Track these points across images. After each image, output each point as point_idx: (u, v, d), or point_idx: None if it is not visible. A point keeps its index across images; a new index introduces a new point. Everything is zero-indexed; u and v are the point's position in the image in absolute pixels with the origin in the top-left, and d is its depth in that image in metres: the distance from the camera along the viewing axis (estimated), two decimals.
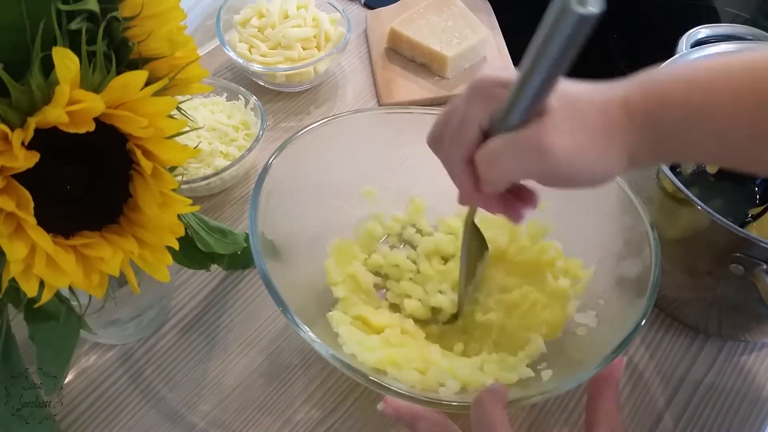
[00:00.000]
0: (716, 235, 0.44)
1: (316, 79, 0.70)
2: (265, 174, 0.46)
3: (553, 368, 0.43)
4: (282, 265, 0.46)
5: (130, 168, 0.32)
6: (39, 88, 0.28)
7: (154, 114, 0.30)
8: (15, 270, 0.29)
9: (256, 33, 0.69)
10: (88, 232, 0.32)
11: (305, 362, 0.51)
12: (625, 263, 0.47)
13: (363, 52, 0.76)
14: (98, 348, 0.51)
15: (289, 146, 0.47)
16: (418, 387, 0.43)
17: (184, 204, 0.34)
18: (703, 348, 0.53)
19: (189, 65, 0.34)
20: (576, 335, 0.47)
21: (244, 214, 0.60)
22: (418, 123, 0.53)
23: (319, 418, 0.48)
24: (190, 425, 0.48)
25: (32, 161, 0.28)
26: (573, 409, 0.49)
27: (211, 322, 0.53)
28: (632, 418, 0.49)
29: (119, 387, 0.49)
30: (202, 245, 0.44)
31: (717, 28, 0.57)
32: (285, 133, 0.67)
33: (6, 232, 0.28)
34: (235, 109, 0.63)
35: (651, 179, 0.48)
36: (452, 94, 0.70)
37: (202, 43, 0.75)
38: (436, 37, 0.71)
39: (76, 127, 0.28)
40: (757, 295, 0.43)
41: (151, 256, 0.34)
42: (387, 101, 0.70)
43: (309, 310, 0.46)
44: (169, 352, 0.51)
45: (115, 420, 0.48)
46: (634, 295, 0.44)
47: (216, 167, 0.58)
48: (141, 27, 0.32)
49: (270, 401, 0.49)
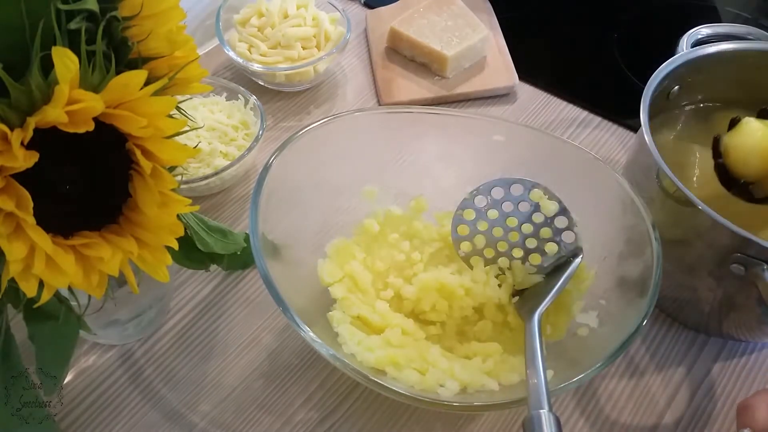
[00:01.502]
0: (717, 236, 0.44)
1: (315, 79, 0.70)
2: (266, 174, 0.46)
3: (555, 369, 0.43)
4: (282, 265, 0.46)
5: (129, 168, 0.32)
6: (38, 88, 0.28)
7: (154, 114, 0.30)
8: (14, 270, 0.29)
9: (255, 32, 0.69)
10: (87, 232, 0.32)
11: (305, 362, 0.51)
12: (627, 263, 0.47)
13: (363, 51, 0.76)
14: (98, 348, 0.51)
15: (289, 146, 0.47)
16: (417, 387, 0.43)
17: (184, 204, 0.34)
18: (704, 348, 0.53)
19: (188, 65, 0.34)
20: (577, 335, 0.47)
21: (243, 214, 0.60)
22: (418, 123, 0.53)
23: (319, 418, 0.48)
24: (190, 425, 0.47)
25: (31, 161, 0.28)
26: (573, 409, 0.49)
27: (211, 322, 0.53)
28: (633, 418, 0.49)
29: (119, 387, 0.49)
30: (202, 245, 0.44)
31: (717, 27, 0.57)
32: (285, 132, 0.67)
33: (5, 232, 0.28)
34: (235, 109, 0.63)
35: (652, 179, 0.48)
36: (452, 94, 0.70)
37: (202, 43, 0.75)
38: (436, 36, 0.71)
39: (76, 126, 0.28)
40: (757, 295, 0.43)
41: (150, 256, 0.34)
42: (387, 101, 0.70)
43: (309, 310, 0.46)
44: (169, 352, 0.51)
45: (115, 420, 0.48)
46: (636, 295, 0.44)
47: (216, 167, 0.58)
48: (140, 26, 0.32)
49: (270, 401, 0.49)
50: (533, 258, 0.51)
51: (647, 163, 0.48)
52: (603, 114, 0.70)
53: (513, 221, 0.51)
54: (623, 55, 0.77)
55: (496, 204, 0.51)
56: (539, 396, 0.38)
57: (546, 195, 0.49)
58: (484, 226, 0.51)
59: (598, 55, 0.78)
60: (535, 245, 0.51)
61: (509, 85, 0.71)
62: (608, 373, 0.51)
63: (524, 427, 0.36)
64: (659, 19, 0.83)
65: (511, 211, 0.51)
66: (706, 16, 0.84)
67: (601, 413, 0.49)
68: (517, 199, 0.50)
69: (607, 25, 0.80)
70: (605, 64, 0.76)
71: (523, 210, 0.50)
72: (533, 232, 0.50)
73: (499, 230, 0.51)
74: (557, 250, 0.50)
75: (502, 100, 0.71)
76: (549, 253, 0.50)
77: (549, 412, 0.36)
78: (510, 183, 0.50)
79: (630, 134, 0.68)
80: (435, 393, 0.43)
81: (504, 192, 0.50)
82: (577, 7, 0.84)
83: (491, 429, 0.48)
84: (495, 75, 0.72)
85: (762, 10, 0.85)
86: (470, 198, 0.51)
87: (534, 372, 0.39)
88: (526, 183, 0.50)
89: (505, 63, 0.73)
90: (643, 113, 0.49)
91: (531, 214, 0.50)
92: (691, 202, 0.44)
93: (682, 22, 0.61)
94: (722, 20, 0.83)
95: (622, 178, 0.47)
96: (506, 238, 0.51)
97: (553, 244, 0.50)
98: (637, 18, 0.82)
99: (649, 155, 0.47)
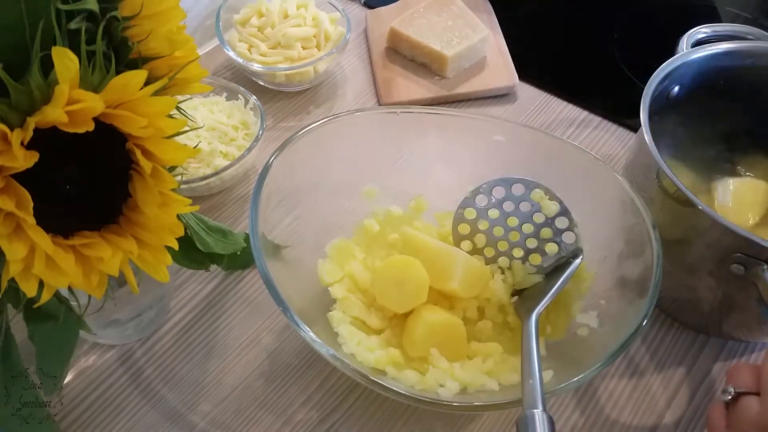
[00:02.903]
0: (717, 236, 0.44)
1: (315, 79, 0.70)
2: (266, 174, 0.46)
3: (554, 369, 0.43)
4: (282, 265, 0.46)
5: (129, 168, 0.32)
6: (38, 88, 0.28)
7: (154, 114, 0.30)
8: (14, 270, 0.29)
9: (255, 32, 0.69)
10: (87, 232, 0.32)
11: (305, 362, 0.51)
12: (627, 263, 0.47)
13: (363, 51, 0.76)
14: (98, 348, 0.51)
15: (290, 146, 0.47)
16: (417, 387, 0.43)
17: (184, 204, 0.34)
18: (704, 348, 0.53)
19: (188, 65, 0.34)
20: (577, 335, 0.47)
21: (243, 214, 0.60)
22: (418, 123, 0.53)
23: (319, 418, 0.48)
24: (190, 425, 0.47)
25: (31, 161, 0.28)
26: (573, 409, 0.49)
27: (211, 322, 0.53)
28: (633, 418, 0.49)
29: (119, 387, 0.49)
30: (202, 245, 0.44)
31: (717, 27, 0.57)
32: (285, 132, 0.67)
33: (5, 232, 0.28)
34: (235, 109, 0.63)
35: (652, 179, 0.48)
36: (452, 94, 0.70)
37: (202, 43, 0.75)
38: (436, 36, 0.71)
39: (76, 126, 0.28)
40: (757, 295, 0.43)
41: (150, 257, 0.34)
42: (387, 101, 0.70)
43: (309, 310, 0.46)
44: (169, 352, 0.51)
45: (115, 420, 0.47)
46: (636, 295, 0.44)
47: (215, 167, 0.58)
48: (140, 26, 0.32)
49: (270, 401, 0.49)
50: (533, 258, 0.51)
51: (647, 163, 0.48)
52: (603, 114, 0.70)
53: (514, 221, 0.51)
54: (623, 55, 0.77)
55: (497, 203, 0.51)
56: (534, 395, 0.38)
57: (547, 195, 0.49)
58: (485, 225, 0.51)
59: (598, 55, 0.78)
60: (535, 245, 0.51)
61: (509, 85, 0.71)
62: (608, 373, 0.51)
63: (517, 426, 0.36)
64: (659, 19, 0.82)
65: (512, 210, 0.51)
66: (706, 16, 0.84)
67: (601, 413, 0.49)
68: (519, 199, 0.50)
69: (607, 25, 0.80)
70: (605, 64, 0.76)
71: (524, 210, 0.50)
72: (534, 232, 0.50)
73: (500, 229, 0.51)
74: (557, 250, 0.50)
75: (502, 100, 0.71)
76: (549, 253, 0.50)
77: (543, 412, 0.36)
78: (511, 182, 0.50)
79: (630, 134, 0.68)
80: (435, 393, 0.43)
81: (505, 191, 0.50)
82: (577, 7, 0.84)
83: (491, 429, 0.48)
84: (495, 75, 0.72)
85: (762, 10, 0.85)
86: (471, 197, 0.51)
87: (529, 371, 0.39)
88: (528, 183, 0.50)
89: (505, 63, 0.73)
90: (643, 113, 0.49)
91: (532, 214, 0.50)
92: (691, 202, 0.44)
93: (682, 22, 0.61)
94: (722, 20, 0.83)
95: (622, 178, 0.47)
96: (507, 237, 0.51)
97: (554, 244, 0.50)
98: (637, 18, 0.82)
99: (649, 155, 0.47)
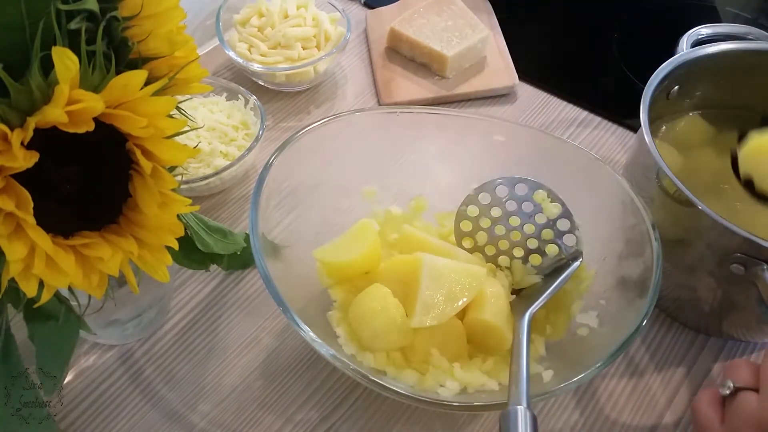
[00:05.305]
0: (717, 235, 0.44)
1: (315, 79, 0.70)
2: (266, 174, 0.46)
3: (554, 369, 0.43)
4: (282, 265, 0.46)
5: (129, 168, 0.32)
6: (38, 88, 0.28)
7: (154, 114, 0.30)
8: (14, 270, 0.29)
9: (255, 32, 0.69)
10: (87, 232, 0.32)
11: (305, 362, 0.51)
12: (627, 263, 0.47)
13: (363, 51, 0.76)
14: (98, 348, 0.51)
15: (290, 146, 0.47)
16: (417, 387, 0.43)
17: (184, 204, 0.34)
18: (704, 348, 0.53)
19: (188, 65, 0.34)
20: (577, 335, 0.47)
21: (243, 214, 0.60)
22: (418, 123, 0.53)
23: (319, 418, 0.48)
24: (190, 425, 0.47)
25: (32, 161, 0.28)
26: (573, 409, 0.49)
27: (211, 322, 0.53)
28: (633, 418, 0.49)
29: (119, 387, 0.49)
30: (202, 245, 0.44)
31: (717, 27, 0.57)
32: (285, 132, 0.67)
33: (5, 232, 0.28)
34: (235, 109, 0.63)
35: (652, 179, 0.48)
36: (452, 94, 0.70)
37: (202, 43, 0.75)
38: (436, 36, 0.71)
39: (76, 126, 0.28)
40: (757, 295, 0.43)
41: (150, 257, 0.34)
42: (387, 101, 0.70)
43: (309, 310, 0.46)
44: (169, 352, 0.51)
45: (115, 420, 0.47)
46: (636, 295, 0.44)
47: (216, 167, 0.58)
48: (140, 27, 0.32)
49: (270, 401, 0.49)
50: (533, 258, 0.51)
51: (647, 163, 0.48)
52: (603, 114, 0.70)
53: (515, 220, 0.51)
54: (623, 55, 0.77)
55: (499, 202, 0.51)
56: (519, 392, 0.38)
57: (549, 197, 0.49)
58: (487, 223, 0.51)
59: (598, 56, 0.78)
60: (536, 246, 0.51)
61: (509, 85, 0.71)
62: (608, 373, 0.51)
63: (500, 421, 0.36)
64: (659, 19, 0.82)
65: (514, 210, 0.51)
66: (706, 16, 0.84)
67: (601, 413, 0.49)
68: (521, 199, 0.50)
69: (607, 25, 0.80)
70: (605, 64, 0.76)
71: (527, 210, 0.50)
72: (535, 233, 0.50)
73: (501, 228, 0.51)
74: (557, 252, 0.50)
75: (502, 100, 0.71)
76: (549, 254, 0.50)
77: (526, 409, 0.36)
78: (514, 182, 0.50)
79: (630, 134, 0.68)
80: (435, 393, 0.43)
81: (508, 191, 0.50)
82: (578, 8, 0.84)
83: (491, 429, 0.48)
84: (495, 75, 0.72)
85: (762, 10, 0.85)
86: (474, 195, 0.51)
87: (517, 368, 0.39)
88: (531, 183, 0.50)
89: (505, 63, 0.73)
90: (643, 113, 0.49)
91: (534, 215, 0.50)
92: (691, 202, 0.44)
93: (682, 22, 0.61)
94: (722, 20, 0.83)
95: (622, 178, 0.47)
96: (508, 236, 0.51)
97: (554, 245, 0.50)
98: (637, 18, 0.82)
99: (649, 155, 0.47)
